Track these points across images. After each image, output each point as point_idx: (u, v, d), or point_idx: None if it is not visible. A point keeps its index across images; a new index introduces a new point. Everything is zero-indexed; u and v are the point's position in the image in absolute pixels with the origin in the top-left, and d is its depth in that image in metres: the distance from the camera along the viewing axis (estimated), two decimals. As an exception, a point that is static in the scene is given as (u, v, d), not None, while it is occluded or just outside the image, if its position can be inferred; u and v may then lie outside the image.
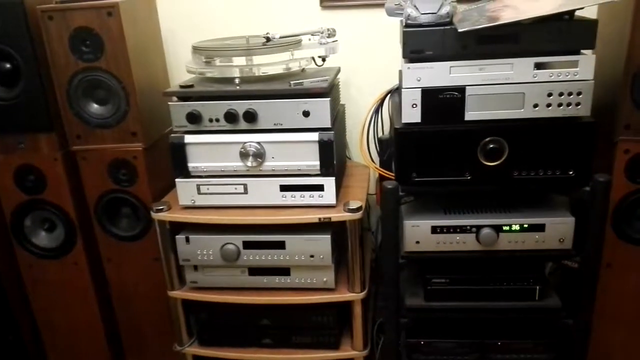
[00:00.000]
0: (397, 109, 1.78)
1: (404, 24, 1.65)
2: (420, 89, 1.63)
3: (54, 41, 1.85)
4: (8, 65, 1.89)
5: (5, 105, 1.92)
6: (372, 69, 2.23)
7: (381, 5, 1.76)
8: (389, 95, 1.96)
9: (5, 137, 1.98)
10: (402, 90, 1.65)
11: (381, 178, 1.95)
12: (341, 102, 2.13)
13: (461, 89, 1.63)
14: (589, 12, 1.66)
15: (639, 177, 1.81)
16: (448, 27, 1.59)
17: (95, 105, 1.94)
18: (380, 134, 2.07)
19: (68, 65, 1.87)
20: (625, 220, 1.87)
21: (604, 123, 1.84)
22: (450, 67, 1.61)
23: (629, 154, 1.79)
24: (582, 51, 1.60)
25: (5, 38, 1.84)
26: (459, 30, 1.54)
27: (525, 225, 1.74)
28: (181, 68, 1.93)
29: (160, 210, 1.88)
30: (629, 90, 1.73)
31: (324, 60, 1.95)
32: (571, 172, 1.68)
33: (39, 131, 1.96)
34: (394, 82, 1.96)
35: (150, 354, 2.29)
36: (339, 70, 2.02)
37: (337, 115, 1.94)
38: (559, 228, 1.74)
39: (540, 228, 1.74)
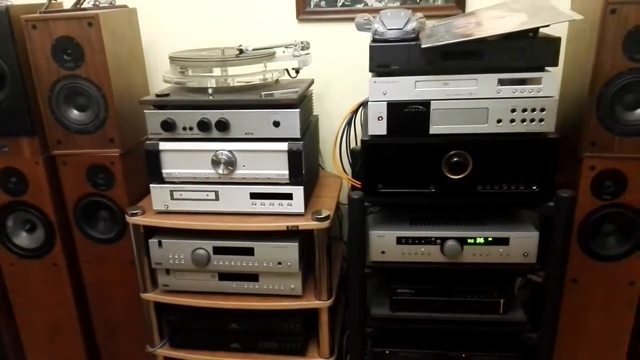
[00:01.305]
0: (365, 121, 1.81)
1: (371, 39, 1.69)
2: (386, 102, 1.67)
3: (37, 49, 1.90)
4: (-7, 72, 1.96)
5: (-11, 110, 1.99)
6: (347, 82, 2.26)
7: (355, 19, 1.80)
8: (361, 107, 1.99)
9: (-10, 140, 2.04)
10: (369, 103, 1.69)
11: (353, 188, 1.98)
12: (315, 114, 2.17)
13: (426, 103, 1.66)
14: (559, 30, 1.69)
15: (604, 194, 1.83)
16: (413, 42, 1.63)
17: (76, 112, 1.99)
18: (352, 146, 2.11)
19: (50, 73, 1.93)
20: (591, 237, 1.88)
21: (571, 139, 1.86)
22: (416, 81, 1.65)
23: (594, 171, 1.81)
24: (546, 68, 1.63)
25: (-9, 45, 1.91)
26: (422, 46, 1.59)
27: (490, 239, 1.77)
28: (161, 78, 1.98)
29: (135, 215, 1.92)
30: (595, 107, 1.75)
31: (297, 72, 1.99)
32: (535, 187, 1.70)
33: (22, 135, 2.02)
34: (367, 95, 1.99)
35: (124, 354, 2.33)
36: (311, 82, 2.05)
37: (309, 126, 1.98)
38: (523, 242, 1.76)
39: (504, 242, 1.77)
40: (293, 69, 1.98)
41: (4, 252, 2.19)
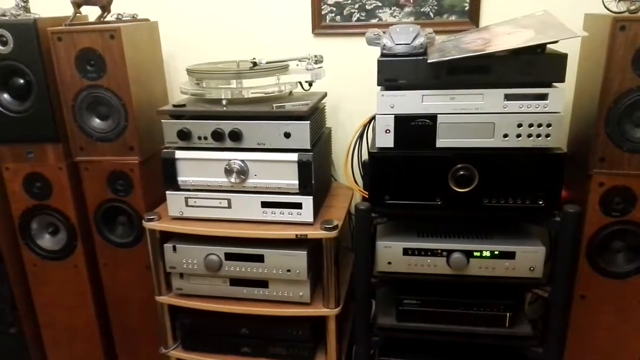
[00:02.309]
0: (374, 134, 1.85)
1: (380, 54, 1.72)
2: (393, 115, 1.71)
3: (61, 60, 1.99)
4: (21, 81, 2.04)
5: (17, 117, 2.07)
6: (360, 95, 2.29)
7: (370, 34, 1.84)
8: (372, 120, 2.02)
9: (17, 146, 2.13)
10: (376, 116, 1.72)
11: (364, 200, 2.01)
12: (328, 126, 2.21)
13: (433, 117, 1.69)
14: (571, 47, 1.70)
15: (613, 211, 1.82)
16: (421, 57, 1.66)
17: (98, 120, 2.07)
18: (364, 158, 2.14)
19: (74, 83, 2.01)
20: (600, 253, 1.88)
21: (581, 155, 1.87)
22: (423, 95, 1.68)
23: (603, 187, 1.81)
24: (553, 84, 1.65)
25: (19, 56, 2.00)
26: (429, 61, 1.61)
27: (496, 252, 1.78)
28: (180, 89, 2.05)
29: (151, 220, 1.99)
30: (604, 124, 1.75)
31: (310, 85, 2.04)
32: (541, 202, 1.71)
33: (47, 142, 2.11)
34: (378, 109, 2.04)
35: (140, 354, 2.40)
36: (324, 95, 2.10)
37: (320, 137, 2.03)
38: (529, 256, 1.77)
39: (510, 255, 1.78)
40: (306, 81, 2.03)
41: (28, 253, 2.28)
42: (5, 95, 2.08)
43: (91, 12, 2.21)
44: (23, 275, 2.32)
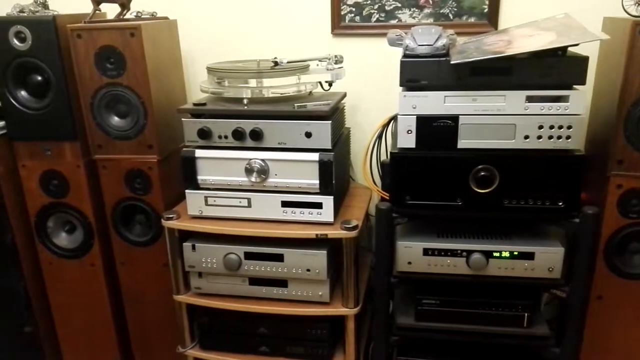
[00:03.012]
0: (395, 135, 1.86)
1: (402, 54, 1.73)
2: (415, 116, 1.72)
3: (81, 57, 1.99)
4: (39, 78, 2.04)
5: (35, 114, 2.07)
6: (379, 96, 2.31)
7: (389, 35, 1.84)
8: (392, 121, 2.04)
9: (34, 143, 2.12)
10: (398, 116, 1.73)
11: (382, 200, 2.02)
12: (347, 126, 2.22)
13: (454, 118, 1.70)
14: (590, 50, 1.71)
15: (631, 212, 1.84)
16: (443, 58, 1.67)
17: (116, 118, 2.07)
18: (383, 158, 2.15)
19: (93, 80, 2.01)
20: (617, 254, 1.89)
21: (599, 157, 1.88)
22: (445, 96, 1.69)
23: (621, 189, 1.82)
24: (574, 86, 1.66)
25: (38, 53, 1.99)
26: (452, 62, 1.62)
27: (515, 253, 1.79)
28: (199, 87, 2.04)
29: (170, 219, 1.99)
30: (622, 126, 1.76)
31: (330, 85, 2.05)
32: (560, 203, 1.72)
33: (65, 140, 2.11)
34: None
35: (157, 354, 2.40)
36: (344, 95, 2.11)
37: (340, 137, 2.03)
38: (548, 257, 1.79)
39: (529, 256, 1.79)
40: (326, 81, 2.03)
41: (44, 252, 2.27)
42: (23, 93, 2.07)
43: (109, 10, 2.21)
44: (39, 274, 2.32)
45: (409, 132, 1.73)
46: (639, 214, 1.83)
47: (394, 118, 2.04)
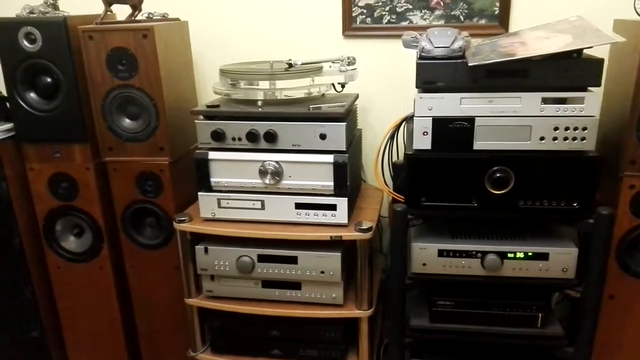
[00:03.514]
0: (410, 136, 1.86)
1: (418, 56, 1.74)
2: (431, 117, 1.72)
3: (92, 59, 1.97)
4: (49, 79, 2.02)
5: (44, 116, 2.05)
6: (390, 97, 2.31)
7: (399, 36, 1.84)
8: (404, 122, 2.04)
9: (42, 145, 2.10)
10: (415, 118, 1.73)
11: (394, 201, 2.02)
12: (358, 127, 2.22)
13: (471, 120, 1.71)
14: (600, 51, 1.73)
15: (643, 212, 1.87)
16: (460, 60, 1.68)
17: (127, 120, 2.06)
18: (395, 159, 2.15)
19: (104, 82, 1.99)
20: (629, 254, 1.91)
21: (611, 158, 1.90)
22: (461, 98, 1.70)
23: (634, 189, 1.84)
24: (589, 88, 1.67)
25: (48, 54, 1.97)
26: (470, 64, 1.63)
27: (530, 254, 1.80)
28: (209, 88, 2.03)
29: (183, 221, 1.98)
30: (635, 127, 1.78)
31: (343, 86, 2.05)
32: (575, 204, 1.73)
33: (74, 142, 2.09)
34: (410, 110, 2.03)
35: (166, 358, 2.38)
36: (356, 97, 2.10)
37: (353, 139, 2.03)
38: (562, 258, 1.80)
39: (544, 257, 1.80)
40: (339, 83, 2.04)
41: (52, 256, 2.25)
42: (32, 94, 2.05)
43: (119, 11, 2.19)
44: (46, 278, 2.29)
45: (425, 133, 1.73)
46: (651, 214, 1.87)
47: (406, 119, 2.05)
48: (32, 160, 2.12)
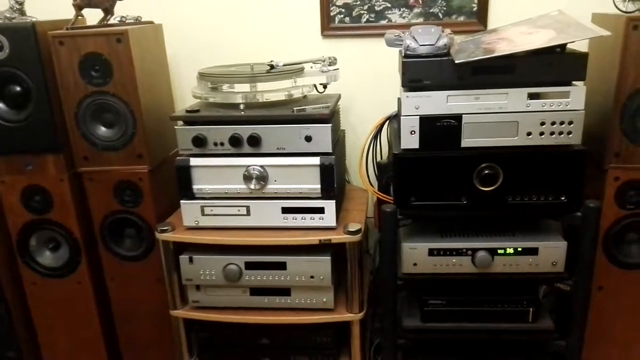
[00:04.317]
0: (396, 135, 1.84)
1: (403, 55, 1.72)
2: (418, 116, 1.70)
3: (63, 66, 1.90)
4: (18, 88, 1.93)
5: (14, 127, 1.96)
6: (371, 96, 2.29)
7: (379, 35, 1.83)
8: (387, 121, 2.02)
9: (13, 157, 2.01)
10: (401, 117, 1.71)
11: (379, 202, 2.00)
12: (341, 128, 2.19)
13: (458, 117, 1.69)
14: (579, 45, 1.73)
15: (628, 204, 1.88)
16: (445, 58, 1.66)
17: (103, 128, 1.99)
18: (378, 159, 2.13)
19: (77, 89, 1.92)
20: (616, 245, 1.93)
21: (595, 151, 1.91)
22: (448, 96, 1.68)
23: (618, 181, 1.86)
24: (573, 82, 1.68)
25: (17, 62, 1.89)
26: (456, 61, 1.61)
27: (519, 249, 1.80)
28: (186, 93, 1.97)
29: (165, 231, 1.92)
30: (619, 119, 1.80)
31: (325, 87, 2.02)
32: (563, 198, 1.74)
33: (47, 152, 2.00)
34: (392, 109, 2.03)
35: (151, 373, 2.32)
36: (339, 97, 2.08)
37: (338, 140, 2.00)
38: (551, 252, 1.80)
39: (533, 252, 1.80)
40: (321, 84, 2.00)
41: (27, 272, 2.16)
42: (1, 105, 1.96)
43: (90, 15, 2.11)
44: (21, 295, 2.20)
45: (412, 132, 1.71)
46: (636, 205, 1.88)
47: (389, 118, 2.03)
48: (2, 173, 2.03)
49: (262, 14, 2.27)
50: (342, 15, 2.21)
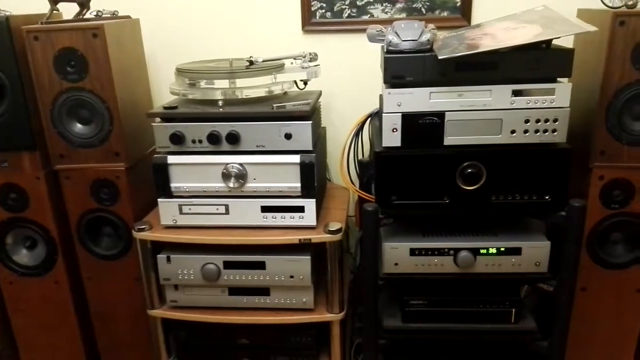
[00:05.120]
0: (377, 133, 1.81)
1: (385, 50, 1.68)
2: (400, 113, 1.66)
3: (38, 61, 1.86)
4: (-8, 85, 1.89)
5: (-13, 124, 1.92)
6: (353, 93, 2.26)
7: (361, 30, 1.79)
8: (369, 118, 1.99)
9: (-13, 155, 1.98)
10: (383, 114, 1.67)
11: (361, 200, 1.97)
12: (322, 125, 2.16)
13: (440, 114, 1.65)
14: (564, 41, 1.70)
15: (613, 203, 1.86)
16: (428, 54, 1.62)
17: (79, 125, 1.95)
18: (360, 157, 2.10)
19: (52, 85, 1.88)
20: (600, 245, 1.91)
21: (580, 149, 1.88)
22: (430, 92, 1.64)
23: (603, 180, 1.84)
24: (558, 79, 1.64)
25: (-10, 57, 1.85)
26: (439, 57, 1.57)
27: (502, 249, 1.77)
28: (164, 89, 1.93)
29: (142, 230, 1.88)
30: (604, 117, 1.77)
31: (305, 83, 1.98)
32: (547, 197, 1.71)
33: (22, 150, 1.97)
34: (374, 106, 2.00)
35: (129, 373, 2.29)
36: (320, 94, 2.05)
37: (319, 138, 1.97)
38: (534, 252, 1.77)
39: (516, 251, 1.77)
40: (301, 80, 1.97)
41: (3, 271, 2.12)
42: (-27, 102, 1.91)
43: (66, 10, 2.07)
44: (-1, 295, 2.17)
45: (394, 130, 1.67)
46: (621, 204, 1.86)
47: (370, 115, 2.00)
48: (-24, 171, 1.99)
49: (243, 9, 2.23)
50: (323, 10, 2.17)
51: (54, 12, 1.92)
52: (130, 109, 2.00)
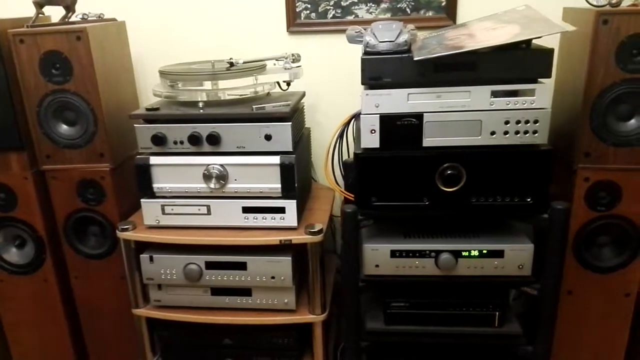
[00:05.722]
0: (358, 134, 1.80)
1: (363, 52, 1.67)
2: (378, 115, 1.66)
3: (24, 64, 1.88)
4: (-21, 87, 1.93)
5: (-24, 125, 1.96)
6: (338, 94, 2.25)
7: (345, 31, 1.77)
8: (353, 119, 1.98)
9: (-25, 156, 2.02)
10: (361, 116, 1.67)
11: (346, 201, 1.96)
12: (307, 126, 2.16)
13: (419, 116, 1.65)
14: (550, 42, 1.67)
15: (599, 205, 1.82)
16: (406, 55, 1.61)
17: (65, 126, 1.97)
18: (345, 158, 2.09)
19: (38, 87, 1.90)
20: (586, 248, 1.87)
21: (564, 151, 1.86)
22: (408, 94, 1.63)
23: (588, 182, 1.80)
24: (539, 80, 1.62)
25: (-24, 61, 1.88)
26: (415, 58, 1.56)
27: (484, 251, 1.75)
28: (150, 91, 1.95)
29: (126, 230, 1.90)
30: (588, 118, 1.74)
31: (288, 84, 1.98)
32: (529, 199, 1.69)
33: (10, 151, 1.99)
34: (359, 107, 1.97)
35: (117, 370, 2.32)
36: (303, 95, 2.04)
37: (301, 138, 1.97)
38: (518, 254, 1.75)
39: (499, 254, 1.75)
40: (284, 81, 1.97)
41: (-6, 269, 2.17)
42: (-40, 104, 1.95)
43: (54, 13, 2.09)
44: (-11, 293, 2.21)
45: (373, 131, 1.67)
46: (606, 206, 1.82)
47: (355, 116, 1.99)
48: (-35, 172, 2.03)
49: (228, 11, 2.23)
50: (308, 11, 2.16)
51: (40, 15, 1.94)
52: (115, 111, 2.02)
